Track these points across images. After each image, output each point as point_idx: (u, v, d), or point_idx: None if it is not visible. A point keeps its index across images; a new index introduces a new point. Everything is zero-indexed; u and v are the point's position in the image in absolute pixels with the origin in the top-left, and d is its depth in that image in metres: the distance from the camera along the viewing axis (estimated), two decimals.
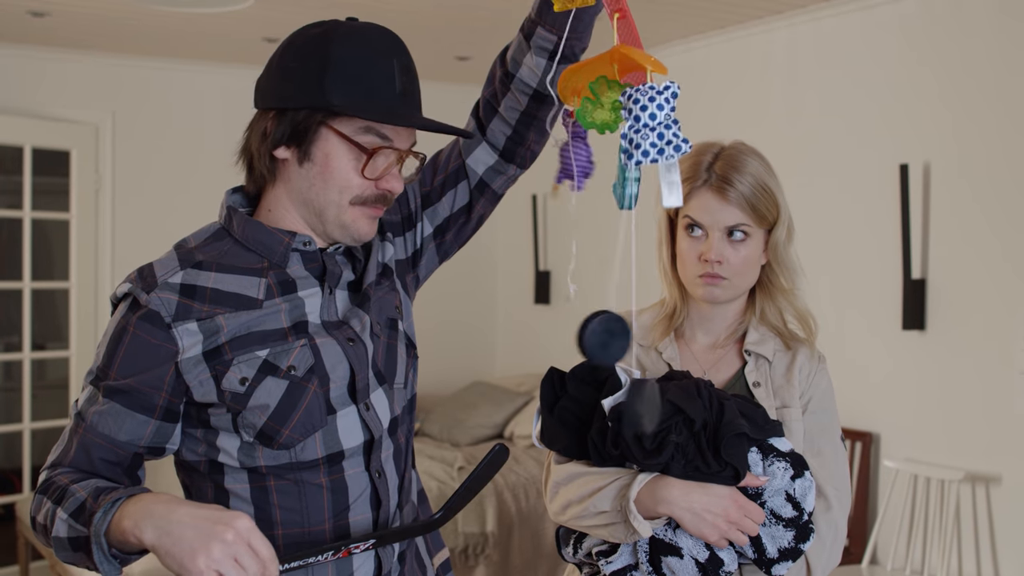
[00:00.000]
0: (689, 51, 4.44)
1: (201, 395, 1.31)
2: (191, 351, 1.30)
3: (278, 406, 1.31)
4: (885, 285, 3.63)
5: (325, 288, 1.39)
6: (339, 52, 1.30)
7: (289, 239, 1.37)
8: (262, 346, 1.32)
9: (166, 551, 1.15)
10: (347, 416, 1.36)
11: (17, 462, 4.82)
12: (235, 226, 1.39)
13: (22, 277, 4.64)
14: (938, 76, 3.48)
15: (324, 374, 1.34)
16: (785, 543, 1.48)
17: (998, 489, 3.30)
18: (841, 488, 1.60)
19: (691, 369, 1.66)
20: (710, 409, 1.46)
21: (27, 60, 4.62)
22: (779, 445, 1.51)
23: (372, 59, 1.32)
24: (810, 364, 1.65)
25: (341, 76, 1.30)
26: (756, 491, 1.48)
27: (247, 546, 1.14)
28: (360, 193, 1.35)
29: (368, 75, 1.31)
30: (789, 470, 1.48)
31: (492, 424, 4.89)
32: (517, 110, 1.47)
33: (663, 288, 1.74)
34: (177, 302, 1.31)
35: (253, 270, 1.36)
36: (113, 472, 1.33)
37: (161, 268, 1.35)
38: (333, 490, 1.35)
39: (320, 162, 1.33)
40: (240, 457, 1.33)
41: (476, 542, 4.14)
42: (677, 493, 1.45)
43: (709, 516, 1.44)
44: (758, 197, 1.59)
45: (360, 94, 1.30)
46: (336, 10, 3.94)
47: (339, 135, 1.32)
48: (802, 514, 1.49)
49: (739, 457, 1.45)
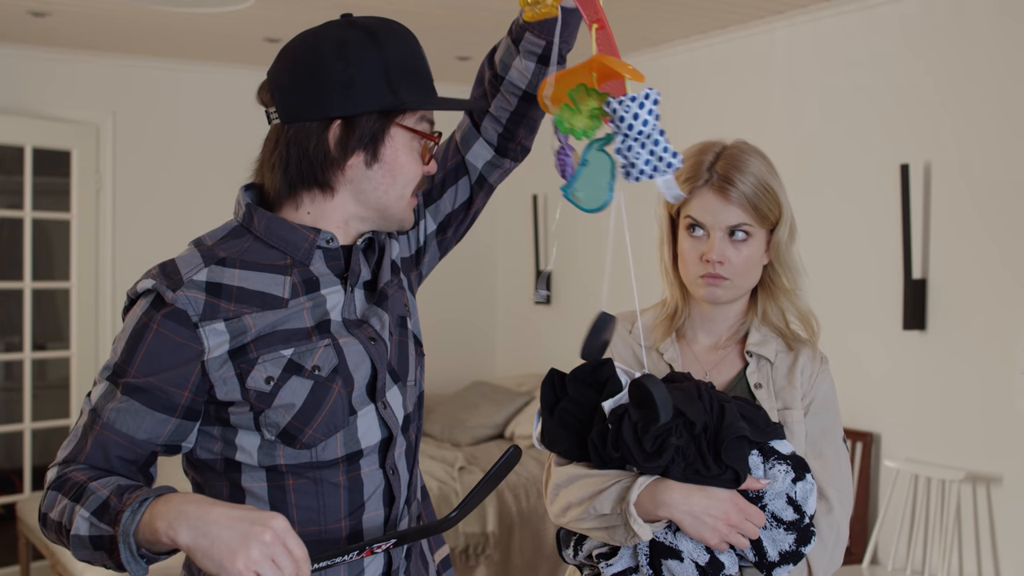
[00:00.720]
0: (691, 51, 4.44)
1: (224, 394, 1.31)
2: (218, 351, 1.29)
3: (303, 406, 1.30)
4: (886, 285, 3.63)
5: (346, 286, 1.39)
6: (393, 51, 1.34)
7: (314, 236, 1.37)
8: (286, 345, 1.31)
9: (203, 552, 1.14)
10: (366, 416, 1.36)
11: (18, 462, 4.82)
12: (256, 223, 1.38)
13: (23, 277, 4.64)
14: (939, 76, 3.48)
15: (348, 375, 1.34)
16: (786, 546, 1.48)
17: (999, 489, 3.30)
18: (843, 490, 1.60)
19: (692, 370, 1.66)
20: (711, 412, 1.46)
21: (28, 60, 4.62)
22: (780, 448, 1.50)
23: (412, 51, 1.37)
24: (812, 365, 1.64)
25: (402, 74, 1.34)
26: (757, 494, 1.48)
27: (283, 546, 1.14)
28: (419, 182, 1.40)
29: (416, 67, 1.37)
30: (790, 473, 1.48)
31: (493, 424, 4.89)
32: (507, 110, 1.51)
33: (664, 288, 1.72)
34: (205, 301, 1.30)
35: (277, 267, 1.35)
36: (129, 470, 1.32)
37: (185, 265, 1.33)
38: (350, 488, 1.36)
39: (389, 160, 1.36)
40: (259, 456, 1.33)
41: (477, 542, 4.14)
42: (677, 496, 1.45)
43: (709, 520, 1.44)
44: (760, 197, 1.59)
45: (419, 86, 1.36)
46: (338, 10, 3.94)
47: (406, 130, 1.36)
48: (803, 517, 1.48)
49: (740, 460, 1.45)
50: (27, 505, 4.40)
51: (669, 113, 4.30)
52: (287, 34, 4.32)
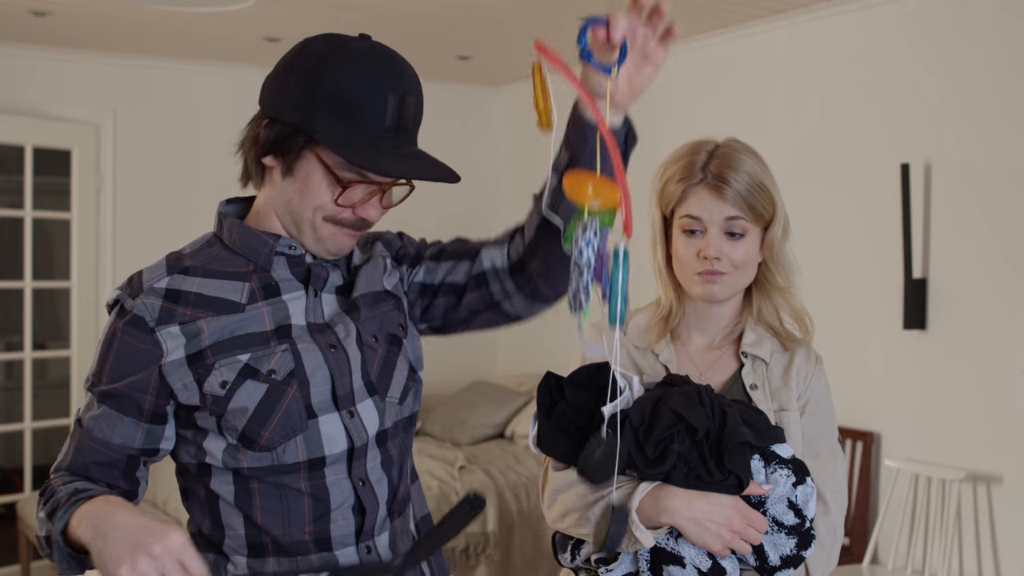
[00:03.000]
0: (691, 50, 4.44)
1: (186, 398, 1.34)
2: (174, 354, 1.33)
3: (256, 409, 1.32)
4: (886, 284, 3.63)
5: (310, 291, 1.40)
6: (333, 78, 1.28)
7: (273, 241, 1.38)
8: (244, 350, 1.34)
9: (97, 553, 1.17)
10: (329, 422, 1.36)
11: (18, 462, 4.82)
12: (225, 231, 1.42)
13: (23, 277, 4.63)
14: (940, 75, 3.48)
15: (304, 379, 1.35)
16: (787, 551, 1.48)
17: (999, 488, 3.29)
18: (839, 491, 1.59)
19: (688, 371, 1.65)
20: (712, 417, 1.45)
21: (28, 60, 4.62)
22: (781, 452, 1.50)
23: (366, 90, 1.28)
24: (807, 365, 1.64)
25: (330, 104, 1.27)
26: (759, 499, 1.47)
27: (177, 563, 1.14)
28: (334, 215, 1.34)
29: (359, 107, 1.28)
30: (791, 477, 1.48)
31: (493, 424, 4.89)
32: (531, 236, 1.41)
33: (658, 288, 1.72)
34: (160, 306, 1.34)
35: (238, 274, 1.38)
36: (108, 475, 1.36)
37: (149, 274, 1.38)
38: (314, 495, 1.36)
39: (301, 179, 1.33)
40: (224, 459, 1.35)
41: (477, 541, 4.14)
42: (680, 503, 1.44)
43: (713, 526, 1.43)
44: (754, 195, 1.58)
45: (346, 126, 1.28)
46: (337, 10, 3.94)
47: (320, 162, 1.31)
48: (804, 521, 1.48)
49: (742, 466, 1.44)
50: (27, 504, 4.41)
51: (669, 113, 4.29)
52: (287, 34, 4.32)
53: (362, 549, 1.38)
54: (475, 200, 5.64)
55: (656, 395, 1.50)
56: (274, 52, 4.99)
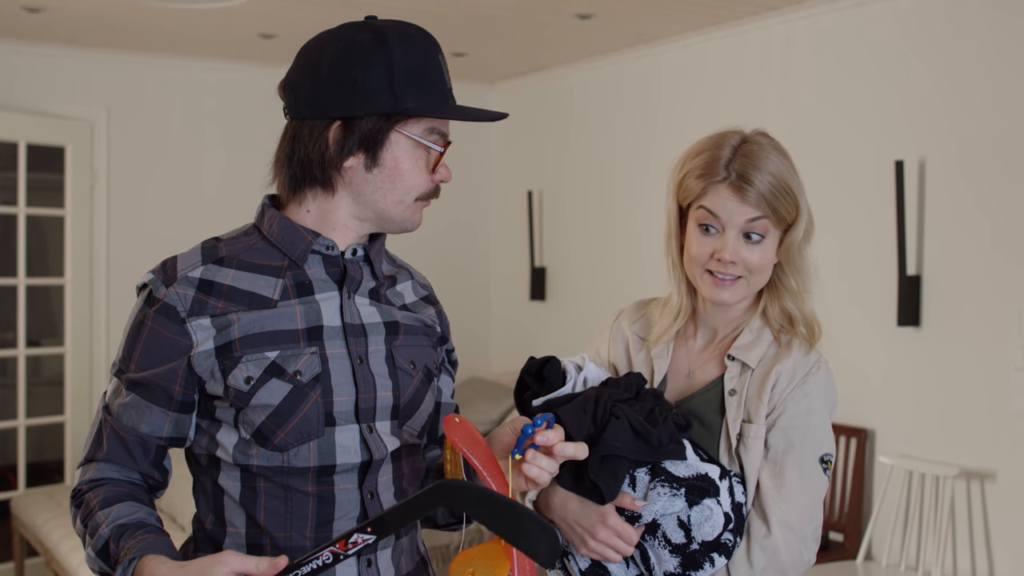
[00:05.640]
0: (686, 47, 4.44)
1: (211, 388, 1.34)
2: (204, 345, 1.33)
3: (278, 408, 1.31)
4: (880, 281, 3.63)
5: (344, 292, 1.40)
6: (400, 56, 1.33)
7: (312, 238, 1.38)
8: (272, 347, 1.33)
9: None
10: (347, 432, 1.35)
11: (12, 459, 4.82)
12: (265, 221, 1.41)
13: (17, 273, 4.63)
14: (934, 72, 3.48)
15: (329, 386, 1.35)
16: (671, 568, 1.47)
17: (993, 485, 3.30)
18: (793, 515, 1.48)
19: (680, 369, 1.62)
20: (595, 425, 1.45)
21: (21, 56, 4.60)
22: (675, 469, 1.46)
23: (426, 58, 1.35)
24: (792, 377, 1.53)
25: (408, 80, 1.32)
26: (634, 513, 1.47)
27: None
28: (424, 191, 1.38)
29: (427, 74, 1.34)
30: (678, 496, 1.44)
31: (488, 420, 4.90)
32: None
33: (670, 282, 1.66)
34: (193, 297, 1.34)
35: (272, 269, 1.37)
36: (141, 464, 1.37)
37: (184, 262, 1.37)
38: (320, 501, 1.35)
39: (389, 166, 1.35)
40: (235, 454, 1.34)
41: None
42: (557, 501, 1.51)
43: (578, 529, 1.48)
44: (778, 197, 1.52)
45: (425, 94, 1.34)
46: (331, 7, 3.93)
47: (408, 138, 1.34)
48: (692, 542, 1.46)
49: (606, 478, 1.44)
50: (22, 502, 4.40)
51: (664, 110, 4.28)
52: (282, 30, 4.31)
53: (362, 563, 1.37)
54: (469, 193, 5.67)
55: (586, 394, 1.51)
56: (268, 49, 4.99)
